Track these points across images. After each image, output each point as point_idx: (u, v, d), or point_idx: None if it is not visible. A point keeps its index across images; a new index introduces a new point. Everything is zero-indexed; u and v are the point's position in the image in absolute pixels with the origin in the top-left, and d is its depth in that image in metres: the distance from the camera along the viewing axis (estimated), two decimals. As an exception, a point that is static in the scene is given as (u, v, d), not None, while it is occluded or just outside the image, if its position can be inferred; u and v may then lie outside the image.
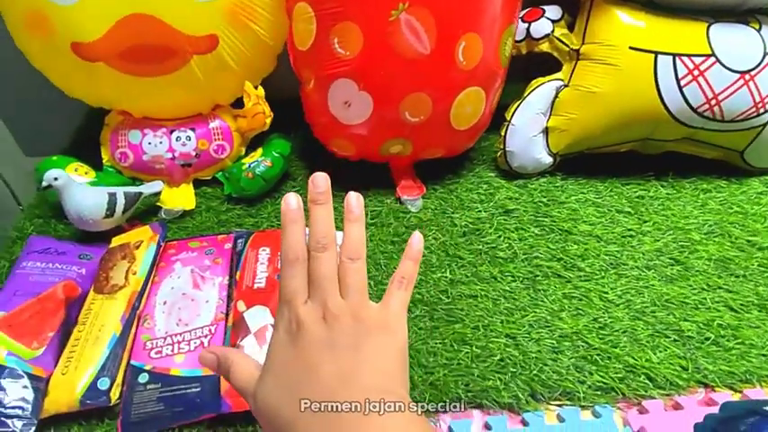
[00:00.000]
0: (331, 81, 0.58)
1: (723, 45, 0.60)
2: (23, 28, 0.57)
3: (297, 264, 0.30)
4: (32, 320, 0.47)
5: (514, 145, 0.66)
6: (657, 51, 0.60)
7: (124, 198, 0.59)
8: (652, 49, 0.60)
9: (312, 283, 0.30)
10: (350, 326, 0.29)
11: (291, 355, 0.28)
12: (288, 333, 0.29)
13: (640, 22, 0.61)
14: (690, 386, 0.48)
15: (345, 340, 0.28)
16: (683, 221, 0.63)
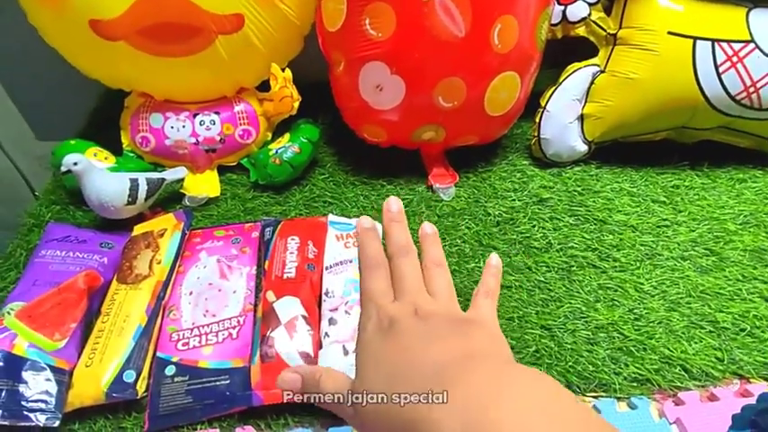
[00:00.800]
0: (362, 64, 0.54)
1: (763, 31, 0.56)
2: (35, 1, 0.53)
3: (380, 267, 0.29)
4: (54, 311, 0.44)
5: (549, 132, 0.63)
6: (696, 37, 0.56)
7: (147, 184, 0.55)
8: (691, 35, 0.56)
9: (398, 284, 0.28)
10: (445, 321, 0.26)
11: (389, 349, 0.25)
12: (379, 331, 0.26)
13: (679, 6, 0.57)
14: (725, 377, 0.46)
15: (446, 331, 0.25)
16: (718, 212, 0.60)
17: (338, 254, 0.51)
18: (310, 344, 0.44)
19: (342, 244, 0.52)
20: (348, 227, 0.55)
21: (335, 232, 0.54)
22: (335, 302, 0.47)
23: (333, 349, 0.43)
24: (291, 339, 0.43)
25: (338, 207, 0.60)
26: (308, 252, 0.51)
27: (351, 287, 0.48)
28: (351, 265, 0.50)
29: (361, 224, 0.31)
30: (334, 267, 0.50)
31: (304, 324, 0.44)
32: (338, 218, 0.56)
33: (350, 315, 0.46)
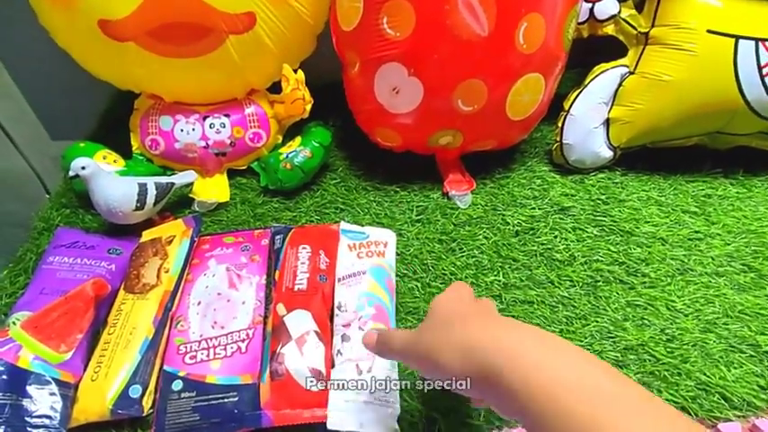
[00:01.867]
0: (378, 65, 0.51)
1: (815, 29, 0.52)
2: (45, 1, 0.51)
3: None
4: (60, 321, 0.43)
5: (572, 137, 0.60)
6: (738, 35, 0.52)
7: (155, 189, 0.53)
8: (732, 33, 0.52)
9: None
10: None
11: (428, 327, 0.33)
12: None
13: (718, 2, 0.53)
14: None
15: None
16: (755, 224, 0.56)
17: (351, 264, 0.49)
18: (322, 360, 0.42)
19: (354, 254, 0.50)
20: (361, 236, 0.52)
21: (347, 241, 0.51)
22: (348, 318, 0.45)
23: (346, 368, 0.41)
24: (302, 356, 0.41)
25: (350, 214, 0.58)
26: (320, 262, 0.49)
27: (365, 301, 0.46)
28: (364, 277, 0.47)
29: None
30: (347, 279, 0.48)
31: (316, 339, 0.42)
32: (350, 226, 0.54)
33: (363, 331, 0.43)
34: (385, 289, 0.47)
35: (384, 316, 0.45)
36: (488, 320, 0.31)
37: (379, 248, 0.50)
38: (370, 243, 0.50)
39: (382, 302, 0.46)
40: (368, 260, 0.49)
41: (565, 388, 0.25)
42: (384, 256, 0.50)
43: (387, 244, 0.51)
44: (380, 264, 0.49)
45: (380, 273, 0.48)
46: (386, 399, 0.40)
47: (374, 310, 0.45)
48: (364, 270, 0.48)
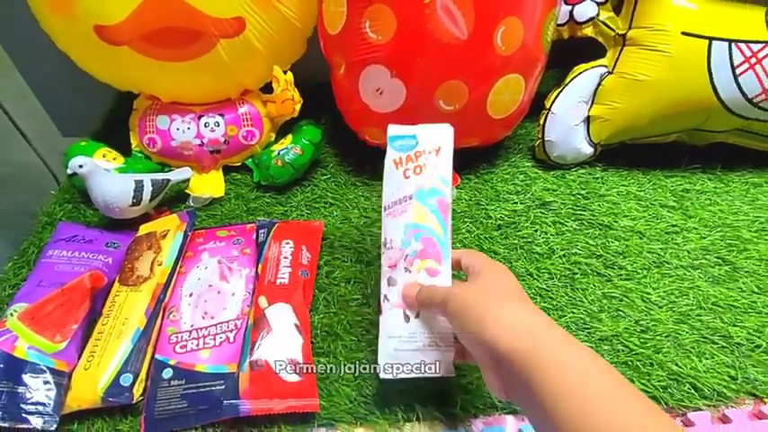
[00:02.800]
0: (362, 67, 0.50)
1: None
2: (44, 7, 0.51)
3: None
4: (57, 312, 0.42)
5: (554, 134, 0.59)
6: (712, 37, 0.51)
7: (151, 185, 0.53)
8: (706, 35, 0.51)
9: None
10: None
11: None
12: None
13: (692, 5, 0.52)
14: (738, 397, 0.41)
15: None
16: (731, 218, 0.55)
17: (397, 188, 0.39)
18: (300, 352, 0.41)
19: (401, 174, 0.39)
20: (409, 143, 0.40)
21: (394, 154, 0.40)
22: (394, 256, 0.38)
23: (393, 315, 0.37)
24: (281, 348, 0.41)
25: (339, 208, 0.57)
26: (302, 258, 0.48)
27: (411, 235, 0.38)
28: (411, 204, 0.38)
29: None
30: (393, 207, 0.39)
31: (295, 332, 0.42)
32: (397, 128, 0.41)
33: (410, 272, 0.37)
34: (435, 214, 0.38)
35: (434, 251, 0.37)
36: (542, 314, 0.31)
37: (429, 159, 0.39)
38: (420, 153, 0.39)
39: (432, 233, 0.38)
40: (415, 179, 0.39)
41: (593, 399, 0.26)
42: (435, 168, 0.39)
43: (439, 149, 0.39)
44: (430, 182, 0.39)
45: (430, 193, 0.38)
46: (437, 342, 0.36)
47: (421, 244, 0.37)
48: (411, 194, 0.38)
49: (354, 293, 0.48)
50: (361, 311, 0.47)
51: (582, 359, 0.27)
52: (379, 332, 0.38)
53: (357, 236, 0.54)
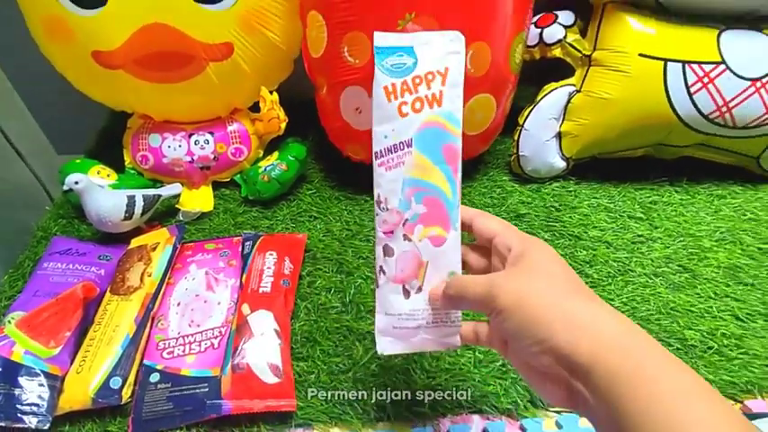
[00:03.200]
0: (342, 88, 0.55)
1: (733, 52, 0.55)
2: (44, 34, 0.56)
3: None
4: (51, 320, 0.46)
5: (528, 149, 0.63)
6: (667, 59, 0.56)
7: (143, 200, 0.57)
8: (662, 57, 0.56)
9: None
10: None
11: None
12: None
13: (651, 29, 0.57)
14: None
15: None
16: (694, 228, 0.59)
17: (391, 129, 0.31)
18: (279, 356, 0.44)
19: (395, 107, 0.31)
20: (405, 65, 0.31)
21: (385, 80, 0.31)
22: (391, 220, 0.32)
23: (391, 290, 0.32)
24: (262, 351, 0.44)
25: (322, 221, 0.61)
26: (285, 268, 0.52)
27: (410, 194, 0.31)
28: (411, 153, 0.31)
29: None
30: (387, 156, 0.31)
31: (275, 337, 0.46)
32: (384, 37, 0.31)
33: (410, 241, 0.31)
34: (442, 166, 0.31)
35: (440, 214, 0.31)
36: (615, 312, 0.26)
37: (434, 87, 0.30)
38: (420, 79, 0.30)
39: (438, 192, 0.31)
40: (414, 117, 0.30)
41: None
42: (440, 101, 0.31)
43: (447, 72, 0.31)
44: (434, 120, 0.31)
45: (433, 137, 0.31)
46: (442, 319, 0.32)
47: (424, 207, 0.31)
48: (408, 138, 0.30)
49: (334, 302, 0.52)
50: (340, 319, 0.51)
51: (682, 380, 0.22)
52: (376, 306, 0.33)
53: (339, 247, 0.58)
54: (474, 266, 0.34)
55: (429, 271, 0.32)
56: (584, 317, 0.25)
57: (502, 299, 0.27)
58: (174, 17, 0.54)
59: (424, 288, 0.32)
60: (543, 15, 0.62)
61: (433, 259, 0.32)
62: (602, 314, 0.25)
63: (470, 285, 0.29)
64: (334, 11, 0.52)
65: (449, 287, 0.30)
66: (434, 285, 0.32)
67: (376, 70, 0.31)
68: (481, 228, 0.32)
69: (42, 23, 0.54)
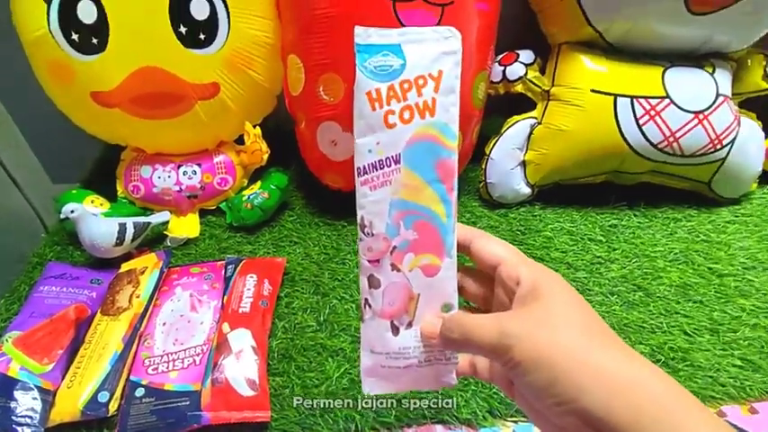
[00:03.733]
0: (319, 123, 0.62)
1: (677, 87, 0.62)
2: (48, 76, 0.63)
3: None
4: (45, 339, 0.51)
5: (494, 177, 0.70)
6: (617, 94, 0.63)
7: (134, 228, 0.63)
8: (612, 92, 0.63)
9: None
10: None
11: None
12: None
13: (602, 68, 0.64)
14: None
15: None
16: (650, 249, 0.65)
17: (375, 141, 0.28)
18: (255, 371, 0.49)
19: (381, 116, 0.28)
20: (392, 66, 0.28)
21: (368, 84, 0.28)
22: (377, 247, 0.29)
23: (377, 326, 0.30)
24: (239, 367, 0.49)
25: (302, 246, 0.67)
26: (264, 290, 0.57)
27: (399, 217, 0.28)
28: (399, 170, 0.28)
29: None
30: (372, 173, 0.28)
31: (252, 354, 0.51)
32: (370, 34, 0.28)
33: (399, 272, 0.29)
34: (436, 186, 0.28)
35: (434, 241, 0.29)
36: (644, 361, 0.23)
37: (426, 94, 0.27)
38: (409, 84, 0.27)
39: (431, 216, 0.28)
40: (403, 129, 0.28)
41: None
42: (433, 110, 0.28)
43: (440, 76, 0.28)
44: (426, 132, 0.28)
45: (425, 153, 0.28)
46: (436, 357, 0.30)
47: (415, 233, 0.28)
48: (397, 153, 0.28)
49: (310, 321, 0.57)
50: (315, 337, 0.56)
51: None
52: (361, 342, 0.31)
53: (316, 270, 0.63)
54: (472, 294, 0.31)
55: (421, 304, 0.29)
56: (619, 374, 0.22)
57: (518, 350, 0.23)
58: (166, 60, 0.61)
59: (414, 324, 0.29)
60: (506, 54, 0.70)
61: (426, 291, 0.29)
62: (638, 370, 0.23)
63: (476, 330, 0.25)
64: (310, 55, 0.59)
65: (449, 330, 0.27)
66: (427, 321, 0.29)
67: (358, 72, 0.28)
68: (482, 252, 0.29)
69: (47, 67, 0.62)
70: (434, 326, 0.28)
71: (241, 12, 0.61)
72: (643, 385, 0.22)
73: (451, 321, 0.27)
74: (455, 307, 0.30)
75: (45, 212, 1.02)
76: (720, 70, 0.65)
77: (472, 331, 0.26)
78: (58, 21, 0.58)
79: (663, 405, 0.21)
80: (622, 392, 0.22)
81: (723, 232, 0.67)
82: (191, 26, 0.60)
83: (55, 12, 0.58)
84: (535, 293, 0.25)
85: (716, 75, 0.64)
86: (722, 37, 0.63)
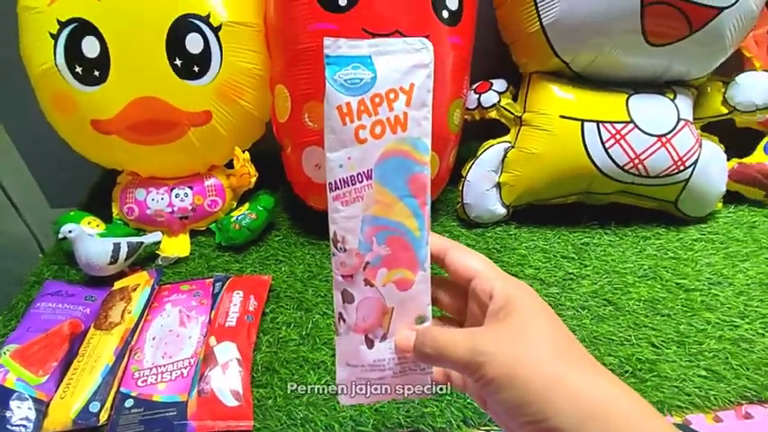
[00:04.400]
0: (304, 148, 0.67)
1: (640, 113, 0.68)
2: (52, 106, 0.69)
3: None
4: (41, 352, 0.55)
5: (471, 198, 0.75)
6: (584, 119, 0.68)
7: (127, 247, 0.67)
8: (579, 117, 0.69)
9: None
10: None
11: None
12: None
13: (570, 95, 0.70)
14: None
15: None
16: (620, 266, 0.69)
17: (347, 156, 0.28)
18: (240, 383, 0.53)
19: (351, 130, 0.28)
20: (363, 79, 0.28)
21: (339, 98, 0.28)
22: (350, 262, 0.30)
23: (351, 340, 0.31)
24: (224, 378, 0.53)
25: (287, 264, 0.71)
26: (250, 305, 0.61)
27: (371, 233, 0.29)
28: (371, 186, 0.29)
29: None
30: (344, 188, 0.29)
31: (237, 366, 0.54)
32: (339, 46, 0.29)
33: (372, 287, 0.30)
34: (408, 201, 0.29)
35: (407, 256, 0.30)
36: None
37: (397, 108, 0.28)
38: (380, 98, 0.28)
39: (403, 231, 0.29)
40: (374, 144, 0.28)
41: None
42: (405, 125, 0.28)
43: (412, 89, 0.28)
44: (398, 148, 0.28)
45: (397, 168, 0.29)
46: (411, 368, 0.31)
47: (387, 248, 0.29)
48: (368, 168, 0.28)
49: (293, 335, 0.61)
50: (297, 350, 0.59)
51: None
52: (336, 356, 0.32)
53: (300, 287, 0.68)
54: (446, 305, 0.32)
55: (394, 318, 0.30)
56: (593, 395, 0.23)
57: (491, 368, 0.24)
58: (162, 91, 0.67)
59: (389, 336, 0.30)
60: (480, 83, 0.76)
61: (399, 305, 0.30)
62: (610, 390, 0.23)
63: (449, 346, 0.26)
64: (296, 85, 0.65)
65: (423, 345, 0.28)
66: (401, 334, 0.30)
67: (327, 86, 0.28)
68: (456, 264, 0.30)
69: (51, 98, 0.68)
70: (408, 339, 0.29)
71: (233, 46, 0.67)
72: (615, 405, 0.23)
73: (425, 336, 0.28)
74: (429, 319, 0.31)
75: (42, 235, 1.07)
76: (681, 96, 0.71)
77: (445, 347, 0.26)
78: (64, 55, 0.65)
79: (634, 425, 0.22)
80: (596, 414, 0.22)
81: (690, 249, 0.72)
82: (186, 59, 0.66)
83: (61, 47, 0.65)
84: (508, 309, 0.26)
85: (677, 101, 0.70)
86: (680, 66, 0.69)
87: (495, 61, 0.76)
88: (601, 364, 0.25)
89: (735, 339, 0.59)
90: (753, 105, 0.70)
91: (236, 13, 0.67)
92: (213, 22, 0.65)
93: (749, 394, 0.54)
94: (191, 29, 0.65)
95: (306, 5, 0.62)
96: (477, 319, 0.28)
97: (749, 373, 0.55)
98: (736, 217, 0.77)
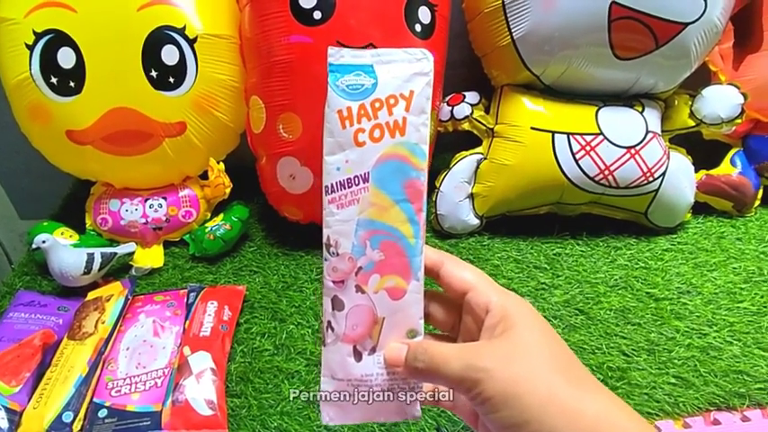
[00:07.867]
0: (278, 158, 0.72)
1: (609, 125, 0.74)
2: (27, 116, 0.74)
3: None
4: (13, 362, 0.59)
5: (444, 209, 0.80)
6: (554, 131, 0.75)
7: (101, 258, 0.72)
8: (550, 129, 0.75)
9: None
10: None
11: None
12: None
13: (540, 107, 0.76)
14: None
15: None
16: (592, 276, 0.75)
17: (345, 159, 0.30)
18: (214, 392, 0.58)
19: (351, 134, 0.30)
20: (365, 86, 0.30)
21: (340, 102, 0.31)
22: (342, 267, 0.31)
23: (339, 351, 0.31)
24: (199, 387, 0.58)
25: (261, 275, 0.76)
26: (224, 315, 0.66)
27: (365, 237, 0.31)
28: (367, 189, 0.30)
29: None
30: (340, 191, 0.31)
31: (211, 375, 0.59)
32: (343, 54, 0.31)
33: (364, 294, 0.31)
34: (404, 206, 0.31)
35: (400, 262, 0.31)
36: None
37: (396, 113, 0.30)
38: (381, 102, 0.30)
39: (398, 236, 0.31)
40: (373, 147, 0.30)
41: None
42: (403, 130, 0.30)
43: (411, 96, 0.30)
44: (395, 152, 0.30)
45: (394, 172, 0.30)
46: (400, 385, 0.31)
47: (381, 253, 0.31)
48: (365, 172, 0.30)
49: (267, 345, 0.66)
50: (272, 360, 0.64)
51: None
52: (322, 368, 0.32)
53: (275, 298, 0.72)
54: (439, 321, 0.32)
55: (385, 329, 0.30)
56: (590, 413, 0.24)
57: (488, 385, 0.25)
58: (137, 101, 0.72)
59: (378, 349, 0.31)
60: (453, 95, 0.81)
61: (390, 315, 0.31)
62: (609, 406, 0.25)
63: (443, 360, 0.27)
64: (271, 96, 0.70)
65: (415, 359, 0.28)
66: (392, 347, 0.30)
67: (329, 91, 0.31)
68: (451, 277, 0.30)
69: (26, 109, 0.72)
70: (399, 352, 0.29)
71: (208, 58, 0.72)
72: (613, 423, 0.24)
73: (417, 349, 0.28)
74: (421, 334, 0.31)
75: (11, 248, 1.11)
76: (649, 109, 0.77)
77: (439, 361, 0.27)
78: (39, 66, 0.69)
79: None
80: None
81: (660, 259, 0.78)
82: (161, 70, 0.71)
83: (37, 58, 0.69)
84: (505, 324, 0.27)
85: (645, 113, 0.77)
86: (648, 79, 0.76)
87: (467, 73, 0.82)
88: (599, 381, 0.27)
89: (703, 347, 0.64)
90: (718, 118, 0.77)
91: (212, 26, 0.72)
92: (189, 34, 0.71)
93: (717, 401, 0.59)
94: (166, 40, 0.70)
95: (281, 18, 0.67)
96: (471, 334, 0.29)
97: (717, 380, 0.60)
98: (704, 227, 0.84)
